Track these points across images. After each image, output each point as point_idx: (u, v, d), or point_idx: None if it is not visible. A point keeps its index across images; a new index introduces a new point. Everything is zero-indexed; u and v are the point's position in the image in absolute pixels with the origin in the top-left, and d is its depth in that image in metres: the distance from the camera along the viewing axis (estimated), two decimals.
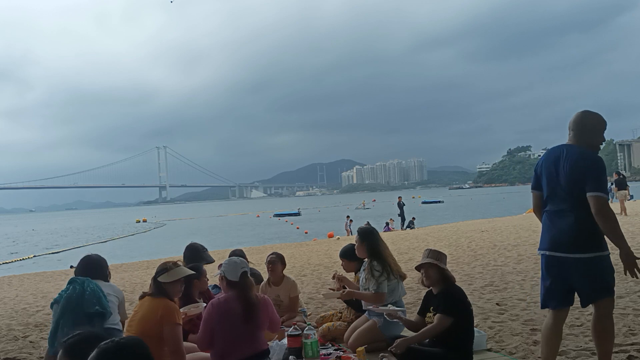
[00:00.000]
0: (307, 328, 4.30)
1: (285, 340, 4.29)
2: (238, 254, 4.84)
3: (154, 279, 3.69)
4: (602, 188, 3.30)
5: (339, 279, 4.93)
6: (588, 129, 3.46)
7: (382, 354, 4.12)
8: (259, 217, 67.05)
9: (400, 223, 30.16)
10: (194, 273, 4.06)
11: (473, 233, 15.83)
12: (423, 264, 3.93)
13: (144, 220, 74.65)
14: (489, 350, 4.41)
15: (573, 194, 3.36)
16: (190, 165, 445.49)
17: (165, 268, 3.70)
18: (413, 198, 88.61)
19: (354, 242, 4.89)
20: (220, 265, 3.86)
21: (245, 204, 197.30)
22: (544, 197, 3.55)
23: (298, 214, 63.19)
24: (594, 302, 3.41)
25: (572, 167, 3.37)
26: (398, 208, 31.06)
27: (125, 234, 48.20)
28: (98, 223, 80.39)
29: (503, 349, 4.41)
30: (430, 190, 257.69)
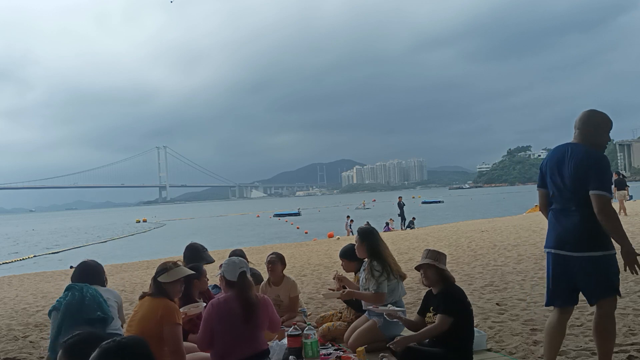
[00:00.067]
0: (307, 328, 4.30)
1: (285, 340, 4.29)
2: (238, 254, 4.84)
3: (154, 279, 3.69)
4: (604, 187, 3.31)
5: (339, 279, 4.93)
6: (594, 128, 3.47)
7: (382, 354, 4.14)
8: (259, 217, 67.08)
9: (401, 223, 30.18)
10: (194, 273, 4.06)
11: (473, 233, 15.82)
12: (422, 265, 3.94)
13: (144, 220, 74.67)
14: (489, 350, 4.41)
15: (578, 193, 3.36)
16: (190, 165, 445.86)
17: (165, 268, 3.70)
18: (413, 198, 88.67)
19: (354, 242, 4.90)
20: (221, 266, 3.87)
21: (245, 204, 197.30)
22: (550, 195, 3.56)
23: (298, 214, 63.24)
24: (598, 300, 3.40)
25: (576, 165, 3.37)
26: (398, 208, 31.11)
27: (125, 234, 48.24)
28: (98, 223, 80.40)
29: (503, 349, 4.41)
30: (430, 190, 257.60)
